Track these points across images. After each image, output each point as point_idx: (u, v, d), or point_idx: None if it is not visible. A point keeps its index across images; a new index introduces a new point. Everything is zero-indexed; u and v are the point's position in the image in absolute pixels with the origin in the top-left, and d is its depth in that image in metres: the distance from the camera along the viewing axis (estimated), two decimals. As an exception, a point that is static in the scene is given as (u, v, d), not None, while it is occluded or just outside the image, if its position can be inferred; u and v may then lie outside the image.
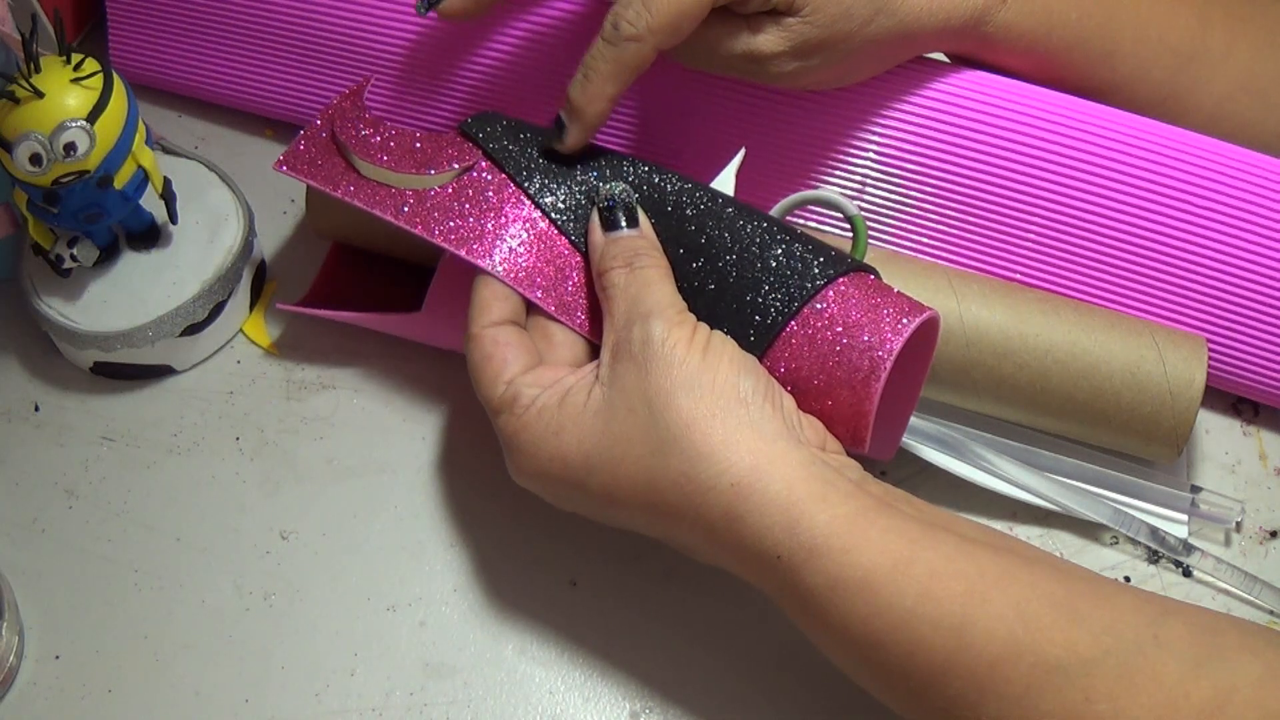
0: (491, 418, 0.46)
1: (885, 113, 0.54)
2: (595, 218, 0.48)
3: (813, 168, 0.56)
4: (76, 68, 0.50)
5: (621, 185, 0.49)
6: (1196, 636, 0.39)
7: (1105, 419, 0.52)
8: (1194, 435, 0.55)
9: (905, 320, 0.45)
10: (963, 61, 0.55)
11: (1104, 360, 0.51)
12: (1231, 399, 0.57)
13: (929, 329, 0.47)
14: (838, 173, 0.56)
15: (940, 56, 0.55)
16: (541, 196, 0.50)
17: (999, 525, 0.54)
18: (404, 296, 0.55)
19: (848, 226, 0.51)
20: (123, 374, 0.57)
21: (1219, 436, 0.57)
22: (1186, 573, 0.53)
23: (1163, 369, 0.51)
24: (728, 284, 0.47)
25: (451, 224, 0.50)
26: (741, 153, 0.52)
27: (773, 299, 0.46)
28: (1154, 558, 0.53)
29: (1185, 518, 0.53)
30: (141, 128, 0.52)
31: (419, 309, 0.52)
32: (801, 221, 0.56)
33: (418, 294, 0.52)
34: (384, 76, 0.60)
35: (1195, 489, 0.53)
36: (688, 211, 0.48)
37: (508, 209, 0.50)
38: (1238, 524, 0.54)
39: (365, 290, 0.59)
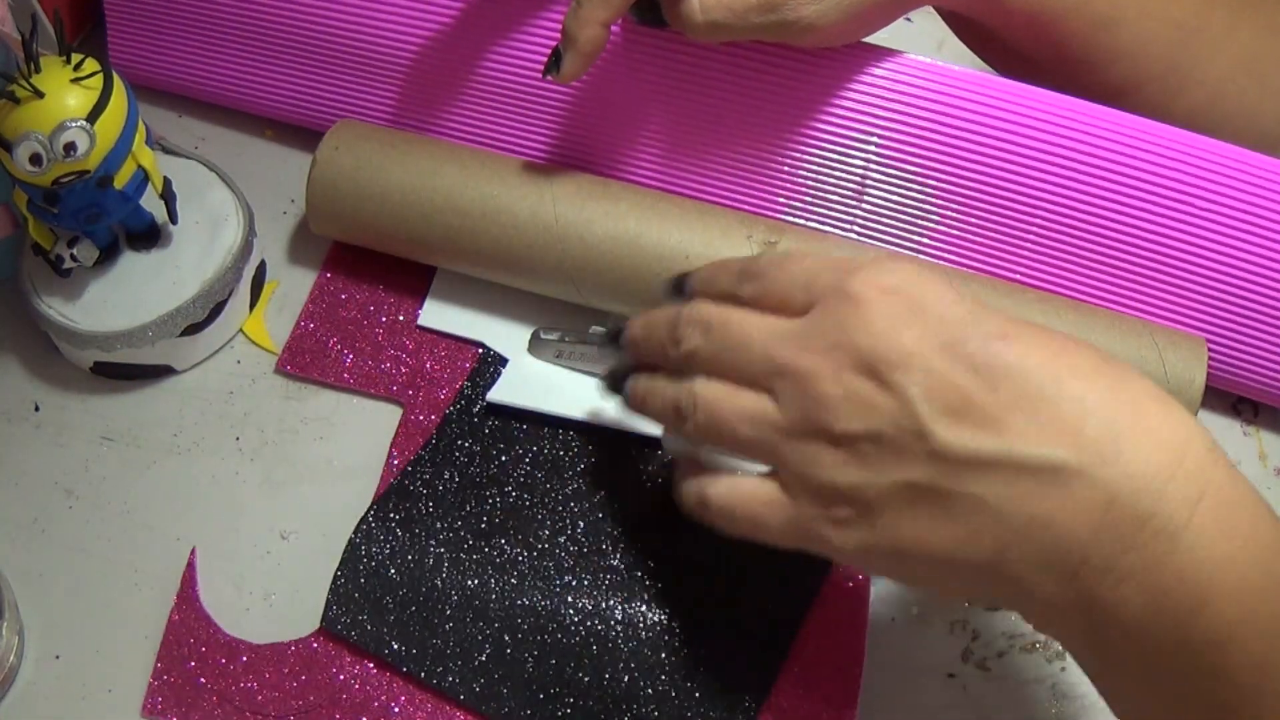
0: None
1: (885, 114, 0.54)
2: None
3: (813, 169, 0.56)
4: (76, 68, 0.50)
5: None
6: None
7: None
8: (1194, 435, 0.55)
9: None
10: (961, 25, 0.54)
11: (1104, 360, 0.51)
12: (1231, 399, 0.57)
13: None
14: (838, 174, 0.56)
15: (935, 43, 0.55)
16: None
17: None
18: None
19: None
20: (123, 374, 0.57)
21: (1219, 436, 0.55)
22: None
23: (1163, 369, 0.51)
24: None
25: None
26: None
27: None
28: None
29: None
30: (141, 128, 0.52)
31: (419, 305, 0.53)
32: (801, 222, 0.56)
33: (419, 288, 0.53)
34: (383, 77, 0.60)
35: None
36: None
37: None
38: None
39: (366, 284, 0.59)
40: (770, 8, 0.49)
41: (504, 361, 0.56)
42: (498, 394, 0.54)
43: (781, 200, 0.57)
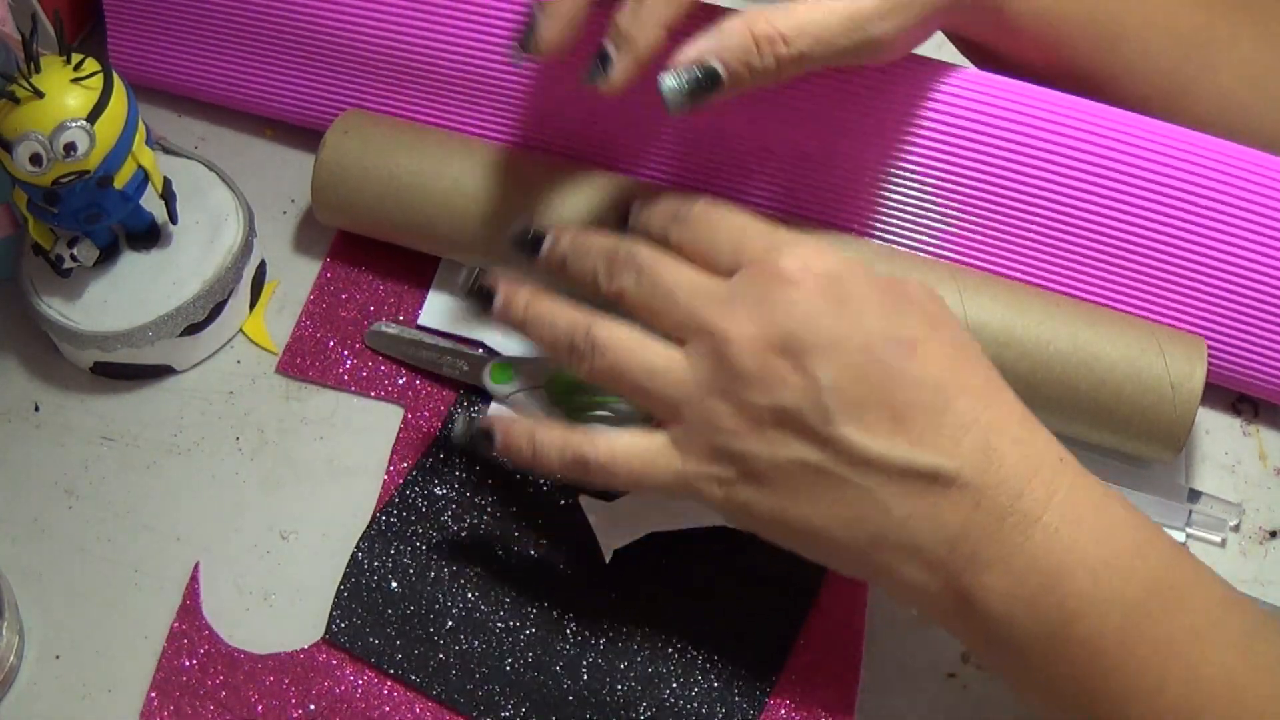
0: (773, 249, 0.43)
1: (885, 112, 0.54)
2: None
3: (812, 168, 0.56)
4: (76, 68, 0.50)
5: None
6: None
7: (1106, 411, 0.52)
8: (1194, 435, 0.55)
9: None
10: (968, 47, 0.54)
11: (1105, 352, 0.51)
12: (1231, 398, 0.57)
13: None
14: (837, 171, 0.56)
15: (934, 44, 0.55)
16: None
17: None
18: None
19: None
20: (123, 374, 0.57)
21: (1219, 436, 0.57)
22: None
23: (1164, 362, 0.51)
24: None
25: None
26: None
27: None
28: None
29: (1182, 532, 0.53)
30: (141, 128, 0.52)
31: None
32: (808, 220, 0.56)
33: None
34: (384, 77, 0.60)
35: (1193, 494, 0.53)
36: None
37: None
38: (1235, 525, 0.54)
39: (370, 277, 0.59)
40: (855, 25, 0.46)
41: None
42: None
43: (782, 200, 0.57)
